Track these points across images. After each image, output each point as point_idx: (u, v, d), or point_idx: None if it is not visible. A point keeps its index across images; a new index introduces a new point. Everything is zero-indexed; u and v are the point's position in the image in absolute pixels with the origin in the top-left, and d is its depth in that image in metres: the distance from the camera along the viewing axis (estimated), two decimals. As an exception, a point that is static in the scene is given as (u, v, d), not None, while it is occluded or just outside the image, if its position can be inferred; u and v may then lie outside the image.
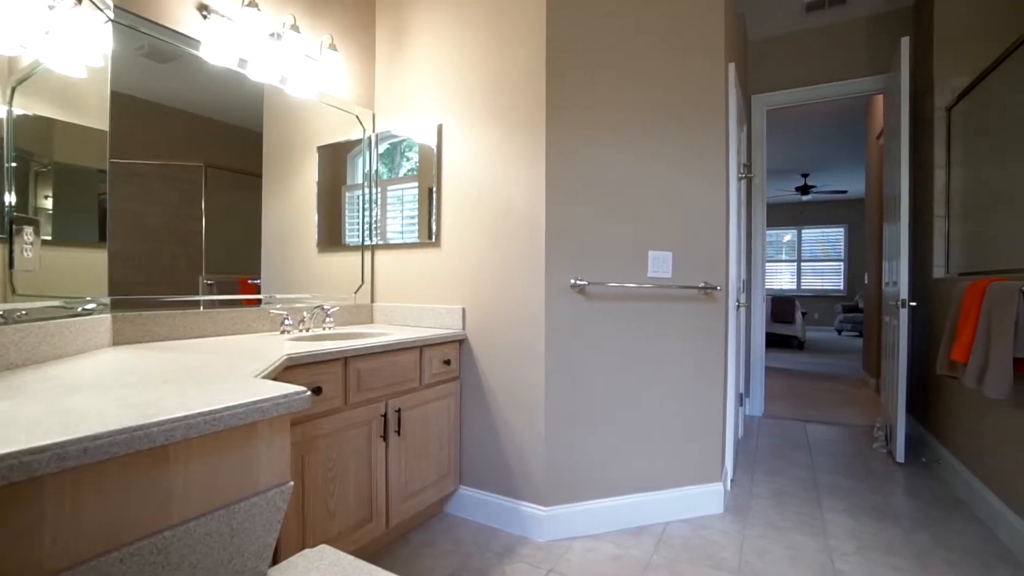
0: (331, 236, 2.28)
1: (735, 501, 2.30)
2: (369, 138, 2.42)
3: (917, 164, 3.26)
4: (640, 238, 2.06)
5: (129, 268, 1.56)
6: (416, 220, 2.29)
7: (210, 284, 1.80)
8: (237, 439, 0.78)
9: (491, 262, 2.08)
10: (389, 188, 2.39)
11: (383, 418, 1.76)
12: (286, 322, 1.91)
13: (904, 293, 2.76)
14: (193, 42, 1.71)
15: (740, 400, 3.15)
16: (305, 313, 2.01)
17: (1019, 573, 1.74)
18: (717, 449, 2.20)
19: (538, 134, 1.96)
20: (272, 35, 1.94)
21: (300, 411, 1.39)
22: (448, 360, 2.07)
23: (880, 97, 4.34)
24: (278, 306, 2.01)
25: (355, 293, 2.37)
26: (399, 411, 1.82)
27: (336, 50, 2.09)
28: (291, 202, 2.10)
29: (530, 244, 1.98)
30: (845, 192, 8.90)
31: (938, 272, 2.95)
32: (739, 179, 2.43)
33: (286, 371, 1.39)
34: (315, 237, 2.21)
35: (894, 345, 2.96)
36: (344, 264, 2.33)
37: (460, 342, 2.14)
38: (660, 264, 2.07)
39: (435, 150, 2.23)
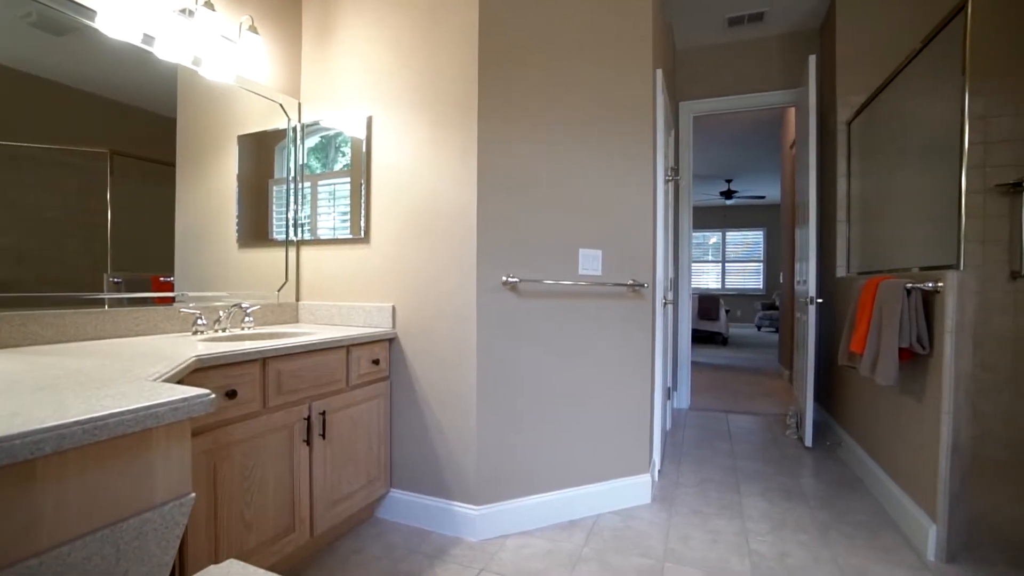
0: (254, 231, 2.15)
1: (662, 491, 2.40)
2: (294, 128, 2.30)
3: (823, 173, 3.55)
4: (571, 236, 2.10)
5: (18, 265, 1.39)
6: (349, 216, 2.20)
7: (117, 282, 1.64)
8: (126, 449, 0.71)
9: (422, 259, 2.04)
10: (321, 183, 2.28)
11: (307, 421, 1.68)
12: (199, 322, 1.77)
13: (812, 291, 2.99)
14: (88, 12, 1.54)
15: (668, 394, 3.29)
16: (221, 312, 1.88)
17: (899, 538, 1.93)
18: (645, 442, 2.28)
19: (470, 131, 1.94)
20: (183, 11, 1.79)
21: (206, 416, 1.30)
22: (377, 360, 2.00)
23: (793, 109, 4.69)
24: (191, 305, 1.87)
25: (278, 291, 2.25)
26: (324, 414, 1.74)
27: (257, 33, 1.96)
28: (209, 194, 1.95)
29: (462, 241, 1.96)
30: (763, 198, 9.54)
31: (840, 272, 3.22)
32: (666, 181, 2.53)
33: (195, 374, 1.28)
34: (235, 232, 2.07)
35: (804, 339, 3.20)
36: (268, 261, 2.21)
37: (390, 341, 2.09)
38: (590, 262, 2.12)
39: (364, 143, 2.15)
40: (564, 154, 2.09)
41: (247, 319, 1.97)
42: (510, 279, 1.94)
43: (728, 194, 8.86)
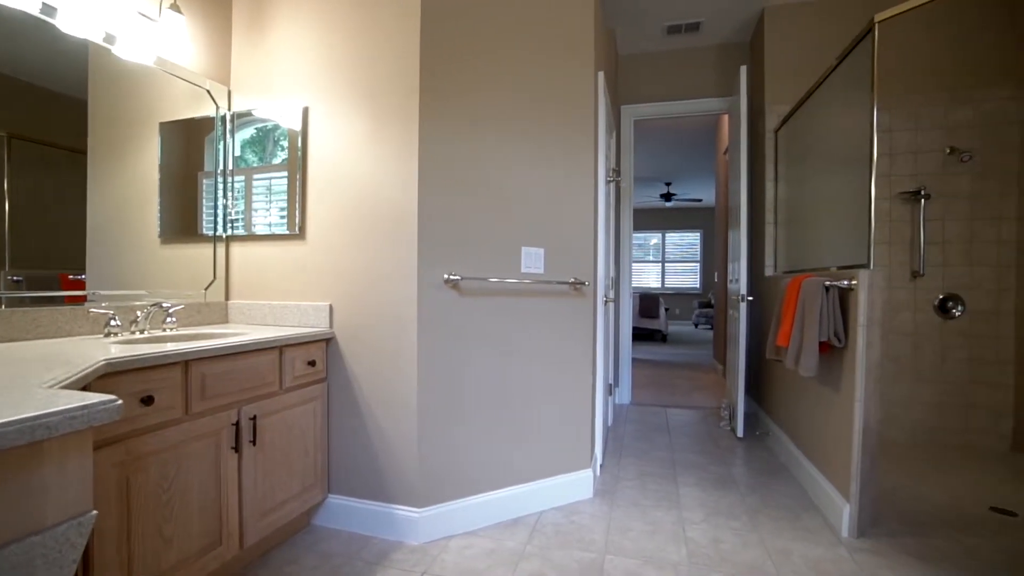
0: (179, 226, 2.00)
1: (604, 485, 2.45)
2: (224, 117, 2.17)
3: (754, 178, 3.75)
4: (514, 234, 2.10)
5: None
6: (287, 212, 2.10)
7: (17, 280, 1.48)
8: (9, 465, 0.63)
9: (361, 256, 1.98)
10: (257, 176, 2.16)
11: (235, 427, 1.58)
12: (112, 323, 1.63)
13: (743, 289, 3.16)
14: (-25, -22, 1.38)
15: (610, 390, 3.37)
16: (139, 313, 1.74)
17: (819, 518, 2.07)
18: (587, 438, 2.32)
19: (411, 125, 1.90)
20: (92, -16, 1.64)
21: (115, 424, 1.19)
22: (313, 361, 1.92)
23: (727, 116, 4.93)
24: (103, 305, 1.72)
25: (206, 290, 2.11)
26: (255, 419, 1.65)
27: (180, 12, 1.83)
28: (127, 185, 1.80)
29: (402, 239, 1.91)
30: (700, 200, 9.99)
31: (769, 271, 3.42)
32: (608, 182, 2.59)
33: (104, 379, 1.18)
34: (157, 227, 1.92)
35: (736, 335, 3.37)
36: (195, 258, 2.06)
37: (327, 341, 2.01)
38: (533, 260, 2.13)
39: (300, 135, 2.06)
40: (507, 152, 2.09)
41: (169, 320, 1.84)
42: (452, 277, 1.92)
43: (667, 197, 9.20)
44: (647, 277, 12.00)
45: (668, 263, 11.90)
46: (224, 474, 1.54)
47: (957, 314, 3.05)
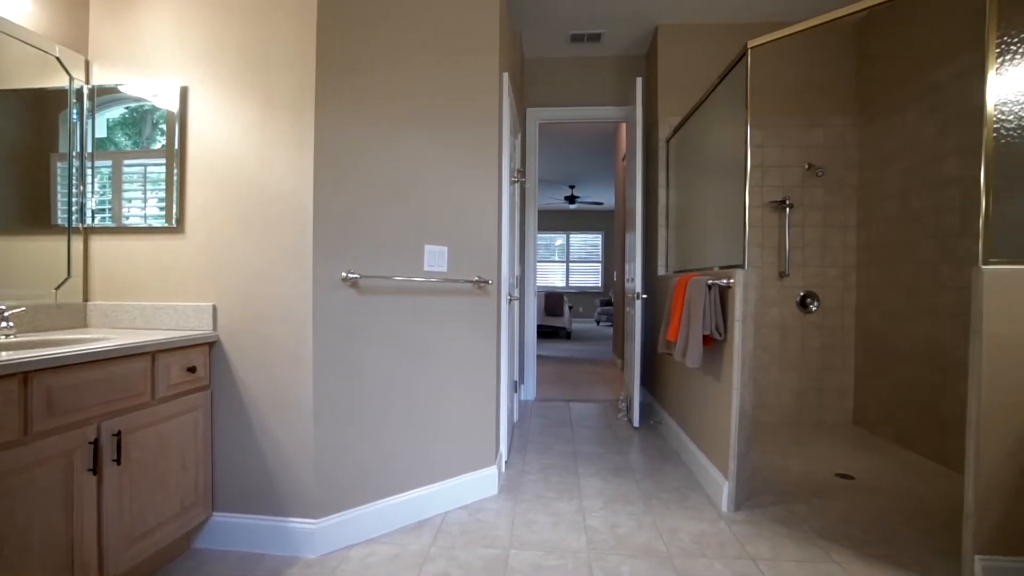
0: (22, 215, 1.71)
1: (509, 481, 2.49)
2: (79, 91, 1.88)
3: (648, 183, 4.02)
4: (416, 232, 2.06)
5: None
6: (165, 203, 1.87)
7: None
8: None
9: (250, 253, 1.82)
10: (128, 162, 1.90)
11: (94, 445, 1.38)
12: (-76, 329, 1.35)
13: (638, 288, 3.37)
14: None
15: (515, 387, 3.43)
16: (-38, 316, 1.46)
17: (704, 497, 2.27)
18: (492, 435, 2.34)
19: (307, 114, 1.79)
20: None
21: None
22: (194, 367, 1.74)
23: (625, 125, 5.22)
24: (-90, 307, 1.42)
25: (57, 290, 1.82)
26: (119, 434, 1.45)
27: (18, -36, 1.57)
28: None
29: (296, 234, 1.79)
30: (602, 204, 10.50)
31: (661, 271, 3.68)
32: (512, 182, 2.63)
33: (-92, 398, 0.97)
34: (-14, 214, 1.62)
35: (632, 331, 3.58)
36: (43, 252, 1.77)
37: (210, 345, 1.83)
38: (436, 258, 2.10)
39: (178, 117, 1.85)
40: (410, 148, 2.04)
41: (5, 324, 1.56)
42: (350, 275, 1.84)
43: (572, 199, 9.57)
44: (552, 276, 12.39)
45: (572, 263, 12.38)
46: (79, 500, 1.34)
47: (814, 309, 3.50)
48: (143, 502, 1.55)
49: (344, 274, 1.84)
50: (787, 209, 3.48)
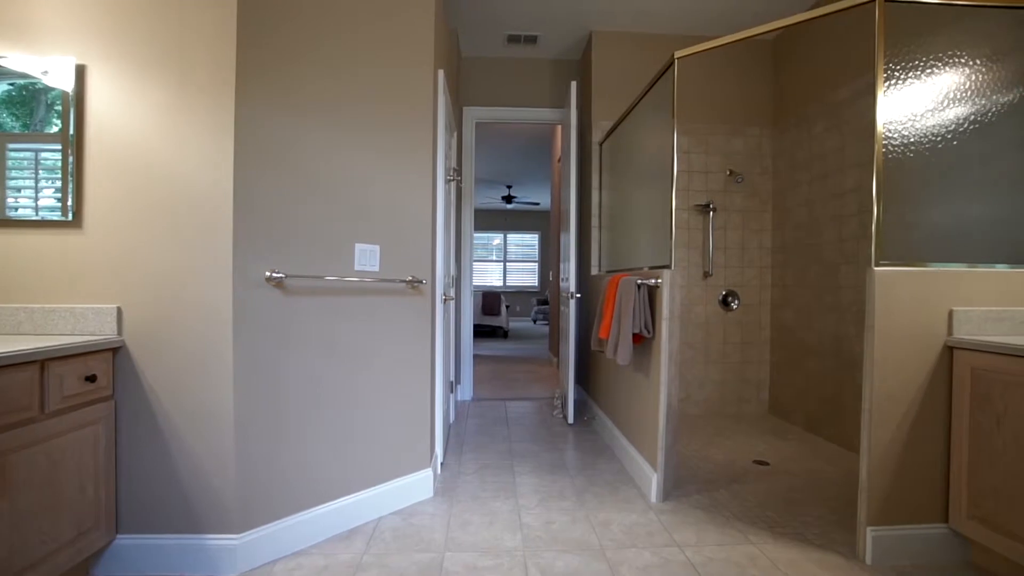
0: None
1: (445, 483, 2.46)
2: (-53, 62, 1.65)
3: (582, 185, 4.11)
4: (346, 230, 1.98)
5: None
6: (60, 194, 1.67)
7: None
8: None
9: (160, 250, 1.68)
10: (13, 146, 1.68)
11: (-35, 469, 1.22)
12: None
13: (573, 287, 3.44)
14: None
15: (452, 387, 3.39)
16: None
17: (635, 490, 2.36)
18: (427, 437, 2.30)
19: (227, 101, 1.67)
20: None
21: None
22: (94, 376, 1.57)
23: (560, 127, 5.32)
24: None
25: (-81, 289, 1.59)
26: (-2, 455, 1.29)
27: None
28: None
29: (214, 229, 1.67)
30: (538, 204, 10.65)
31: (594, 270, 3.78)
32: (447, 181, 2.59)
33: None
34: None
35: (567, 329, 3.66)
36: None
37: (114, 351, 1.66)
38: (368, 257, 2.04)
39: (74, 98, 1.67)
40: (340, 142, 1.96)
41: None
42: (275, 275, 1.74)
43: (509, 199, 9.63)
44: (490, 276, 12.41)
45: (509, 262, 12.46)
46: (-54, 531, 1.18)
47: (735, 307, 3.73)
48: (28, 530, 1.38)
49: (268, 273, 1.74)
50: (711, 212, 3.69)
